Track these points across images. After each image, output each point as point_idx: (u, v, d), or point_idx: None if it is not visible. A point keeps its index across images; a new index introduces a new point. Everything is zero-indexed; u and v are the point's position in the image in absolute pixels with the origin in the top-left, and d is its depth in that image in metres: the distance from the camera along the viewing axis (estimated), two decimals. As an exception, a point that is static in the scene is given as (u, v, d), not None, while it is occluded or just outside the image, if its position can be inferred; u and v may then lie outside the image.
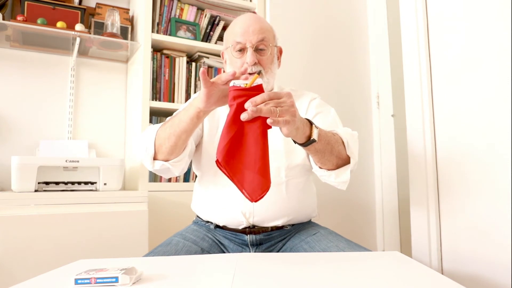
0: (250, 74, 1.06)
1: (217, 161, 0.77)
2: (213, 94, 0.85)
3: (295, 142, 0.88)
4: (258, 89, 0.78)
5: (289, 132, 0.80)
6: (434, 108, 1.33)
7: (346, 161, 0.98)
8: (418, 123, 1.36)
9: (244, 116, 0.74)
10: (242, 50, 1.06)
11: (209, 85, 0.83)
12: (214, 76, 1.86)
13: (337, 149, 0.94)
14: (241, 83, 0.78)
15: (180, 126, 0.92)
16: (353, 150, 0.97)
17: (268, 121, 0.74)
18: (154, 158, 0.98)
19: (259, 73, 0.79)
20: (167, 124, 0.96)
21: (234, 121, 0.76)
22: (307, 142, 0.86)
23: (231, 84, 0.79)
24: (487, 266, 1.13)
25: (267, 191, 0.78)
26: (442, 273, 1.23)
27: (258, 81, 0.79)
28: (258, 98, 0.75)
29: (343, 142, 0.96)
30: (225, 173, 0.79)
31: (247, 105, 0.74)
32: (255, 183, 0.77)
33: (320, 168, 0.98)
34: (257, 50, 1.06)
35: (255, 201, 0.78)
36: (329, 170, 0.97)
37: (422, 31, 1.36)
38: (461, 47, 1.24)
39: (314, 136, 0.85)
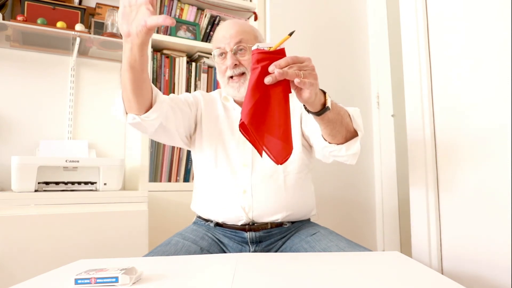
0: (231, 77, 1.10)
1: (241, 124, 0.77)
2: (130, 13, 0.79)
3: (308, 111, 0.88)
4: (281, 53, 0.79)
5: (310, 96, 0.80)
6: (434, 108, 1.33)
7: (353, 134, 0.99)
8: (418, 123, 1.36)
9: (268, 80, 0.75)
10: (223, 54, 1.11)
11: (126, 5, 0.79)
12: (214, 76, 1.86)
13: (346, 120, 0.96)
14: (265, 46, 0.78)
15: (124, 66, 0.86)
16: (359, 123, 0.99)
17: (296, 80, 0.75)
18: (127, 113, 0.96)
19: (290, 34, 0.79)
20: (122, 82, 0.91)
21: (258, 85, 0.76)
22: (322, 110, 0.87)
23: (254, 47, 0.79)
24: (487, 266, 1.13)
25: (290, 155, 0.79)
26: (442, 273, 1.23)
27: (281, 46, 0.79)
28: (282, 62, 0.75)
29: (349, 114, 0.98)
30: (248, 138, 0.79)
31: (271, 68, 0.75)
32: (279, 146, 0.78)
33: (330, 143, 0.99)
34: (238, 52, 1.10)
35: (281, 164, 0.79)
36: (338, 144, 0.98)
37: (422, 31, 1.36)
38: (461, 47, 1.24)
39: (328, 103, 0.86)
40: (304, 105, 0.87)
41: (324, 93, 0.88)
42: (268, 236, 1.09)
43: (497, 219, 1.11)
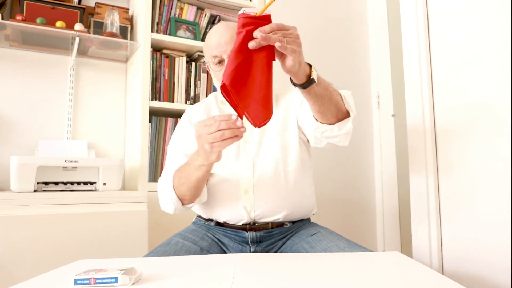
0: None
1: (222, 86, 0.78)
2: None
3: (294, 84, 0.88)
4: (267, 19, 0.79)
5: (293, 64, 0.80)
6: (434, 108, 1.33)
7: (345, 115, 0.99)
8: (419, 123, 1.35)
9: (252, 44, 0.75)
10: (220, 62, 1.09)
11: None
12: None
13: (336, 98, 0.95)
14: (250, 11, 0.78)
15: (192, 179, 0.97)
16: (351, 103, 0.99)
17: (277, 44, 0.75)
18: (183, 204, 1.04)
19: None
20: (181, 180, 1.00)
21: (241, 49, 0.77)
22: (307, 82, 0.86)
23: (240, 11, 0.79)
24: (488, 266, 1.12)
25: (269, 119, 0.79)
26: (443, 273, 1.23)
27: (267, 11, 0.80)
28: (267, 27, 0.76)
29: (340, 94, 0.98)
30: (229, 100, 0.80)
31: (256, 33, 0.75)
32: (259, 111, 0.78)
33: (322, 123, 0.99)
34: None
35: (258, 127, 0.80)
36: (330, 124, 0.98)
37: (423, 30, 1.36)
38: (462, 46, 1.24)
39: (314, 75, 0.86)
40: (290, 79, 0.87)
41: (310, 66, 0.88)
42: (269, 236, 1.09)
43: (497, 220, 1.11)
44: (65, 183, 1.50)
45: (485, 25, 1.16)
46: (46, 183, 1.47)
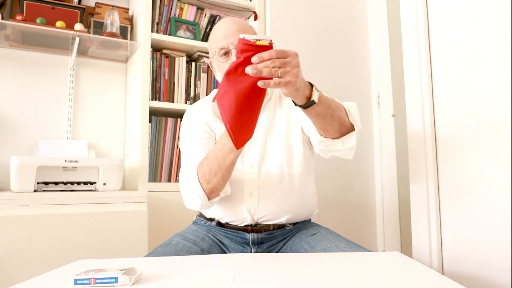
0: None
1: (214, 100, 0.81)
2: None
3: (295, 104, 0.88)
4: (268, 48, 0.78)
5: (288, 92, 0.81)
6: (434, 107, 1.33)
7: (350, 128, 0.99)
8: (419, 123, 1.35)
9: (248, 70, 0.75)
10: (226, 53, 1.07)
11: None
12: (214, 75, 1.86)
13: (339, 114, 0.94)
14: (251, 37, 0.78)
15: (227, 164, 0.95)
16: (355, 117, 0.99)
17: (259, 83, 0.75)
18: (209, 199, 1.01)
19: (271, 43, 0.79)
20: (212, 171, 0.97)
21: (236, 69, 0.78)
22: (307, 104, 0.86)
23: (241, 36, 0.78)
24: (488, 266, 1.12)
25: (248, 140, 0.83)
26: (443, 273, 1.23)
27: (269, 36, 0.80)
28: (265, 55, 0.75)
29: (344, 109, 0.97)
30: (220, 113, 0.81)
31: (254, 59, 0.75)
32: (243, 131, 0.81)
33: (326, 138, 0.99)
34: None
35: (237, 149, 0.82)
36: (334, 139, 0.98)
37: (423, 30, 1.36)
38: (462, 46, 1.24)
39: (314, 97, 0.86)
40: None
41: (312, 86, 0.87)
42: (270, 238, 1.08)
43: (497, 220, 1.11)
44: (65, 183, 1.50)
45: (485, 25, 1.16)
46: (46, 183, 1.47)
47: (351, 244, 0.99)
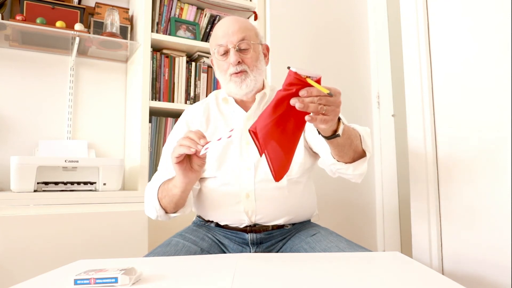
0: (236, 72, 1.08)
1: (253, 132, 0.80)
2: (185, 170, 0.91)
3: (319, 133, 0.90)
4: (316, 81, 0.79)
5: (324, 128, 0.84)
6: (434, 107, 1.33)
7: (361, 154, 1.00)
8: (419, 123, 1.35)
9: (295, 103, 0.75)
10: (226, 52, 1.08)
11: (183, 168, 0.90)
12: (214, 75, 1.86)
13: (355, 143, 0.97)
14: (303, 72, 0.77)
15: (175, 194, 0.98)
16: (368, 144, 1.00)
17: (307, 118, 0.76)
18: (166, 212, 1.04)
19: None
20: (163, 193, 1.01)
21: (283, 101, 0.78)
22: (332, 136, 0.88)
23: (292, 69, 0.78)
24: (488, 266, 1.12)
25: (286, 173, 0.84)
26: (443, 274, 1.23)
27: (317, 74, 0.79)
28: (314, 91, 0.76)
29: (359, 135, 0.99)
30: (256, 145, 0.82)
31: (302, 92, 0.76)
32: (282, 164, 0.82)
33: (338, 161, 1.00)
34: (240, 50, 1.07)
35: (277, 181, 0.83)
36: (346, 163, 0.99)
37: (423, 30, 1.36)
38: (462, 46, 1.24)
39: (340, 131, 0.88)
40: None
41: (339, 120, 0.88)
42: (269, 238, 1.08)
43: (497, 220, 1.11)
44: (65, 183, 1.50)
45: (485, 25, 1.16)
46: (46, 183, 1.47)
47: (351, 244, 0.99)
